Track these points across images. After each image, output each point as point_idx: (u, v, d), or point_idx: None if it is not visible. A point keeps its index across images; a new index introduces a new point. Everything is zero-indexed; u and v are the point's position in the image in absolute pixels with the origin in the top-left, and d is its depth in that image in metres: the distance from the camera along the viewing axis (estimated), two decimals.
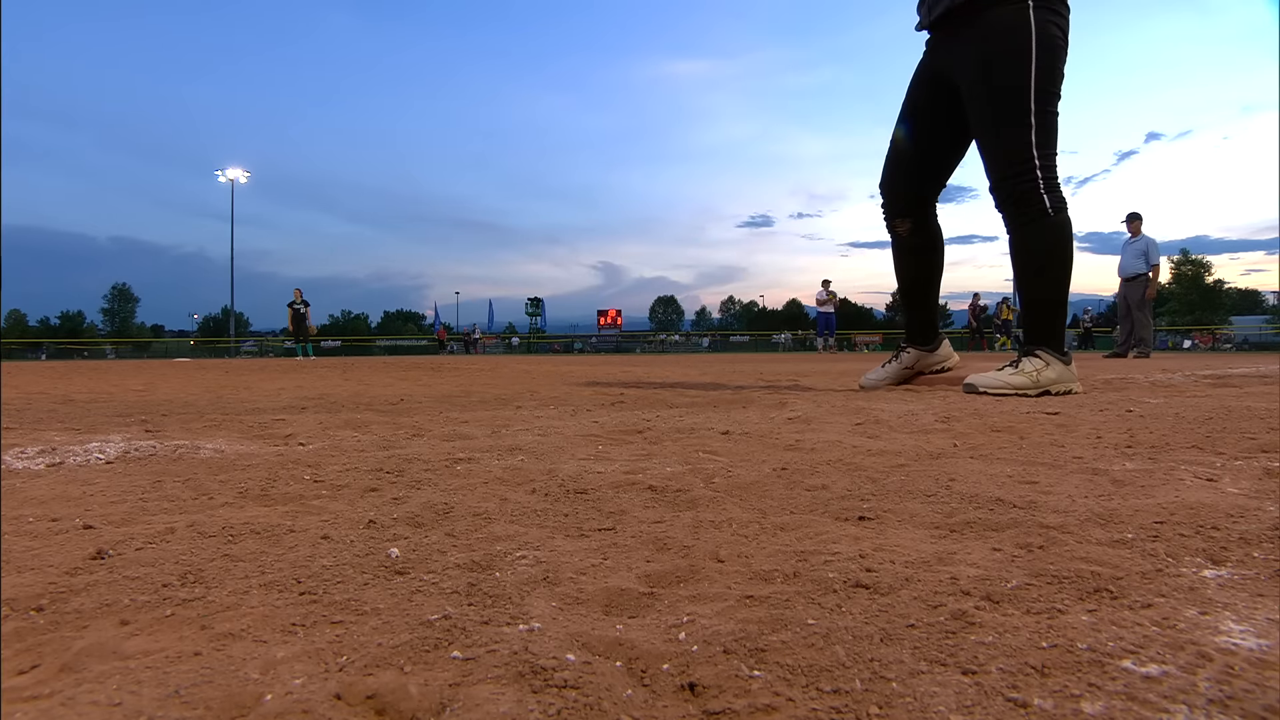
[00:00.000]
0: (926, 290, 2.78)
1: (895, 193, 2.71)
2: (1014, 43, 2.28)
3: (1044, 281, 2.39)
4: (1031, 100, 2.27)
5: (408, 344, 47.34)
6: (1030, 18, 2.28)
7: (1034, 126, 2.28)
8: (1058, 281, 2.38)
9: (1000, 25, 2.31)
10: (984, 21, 2.36)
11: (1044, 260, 2.37)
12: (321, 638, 0.48)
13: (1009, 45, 2.29)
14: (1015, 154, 2.32)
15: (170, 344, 53.05)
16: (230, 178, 37.46)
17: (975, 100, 2.40)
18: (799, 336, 38.89)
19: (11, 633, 0.50)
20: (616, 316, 49.05)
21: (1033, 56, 2.26)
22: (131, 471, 1.12)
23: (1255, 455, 1.12)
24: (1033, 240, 2.37)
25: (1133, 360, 7.41)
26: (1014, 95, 2.29)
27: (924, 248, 2.73)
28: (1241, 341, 30.83)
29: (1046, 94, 2.29)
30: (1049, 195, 2.32)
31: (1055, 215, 2.32)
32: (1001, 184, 2.39)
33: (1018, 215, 2.37)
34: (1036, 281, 2.40)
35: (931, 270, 2.77)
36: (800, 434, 1.44)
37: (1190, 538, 0.68)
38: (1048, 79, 2.28)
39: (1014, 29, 2.28)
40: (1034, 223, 2.34)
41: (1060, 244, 2.36)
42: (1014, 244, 2.43)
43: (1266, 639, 0.45)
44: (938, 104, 2.56)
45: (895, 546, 0.67)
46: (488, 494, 0.92)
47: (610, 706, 0.39)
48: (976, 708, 0.38)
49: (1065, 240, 2.37)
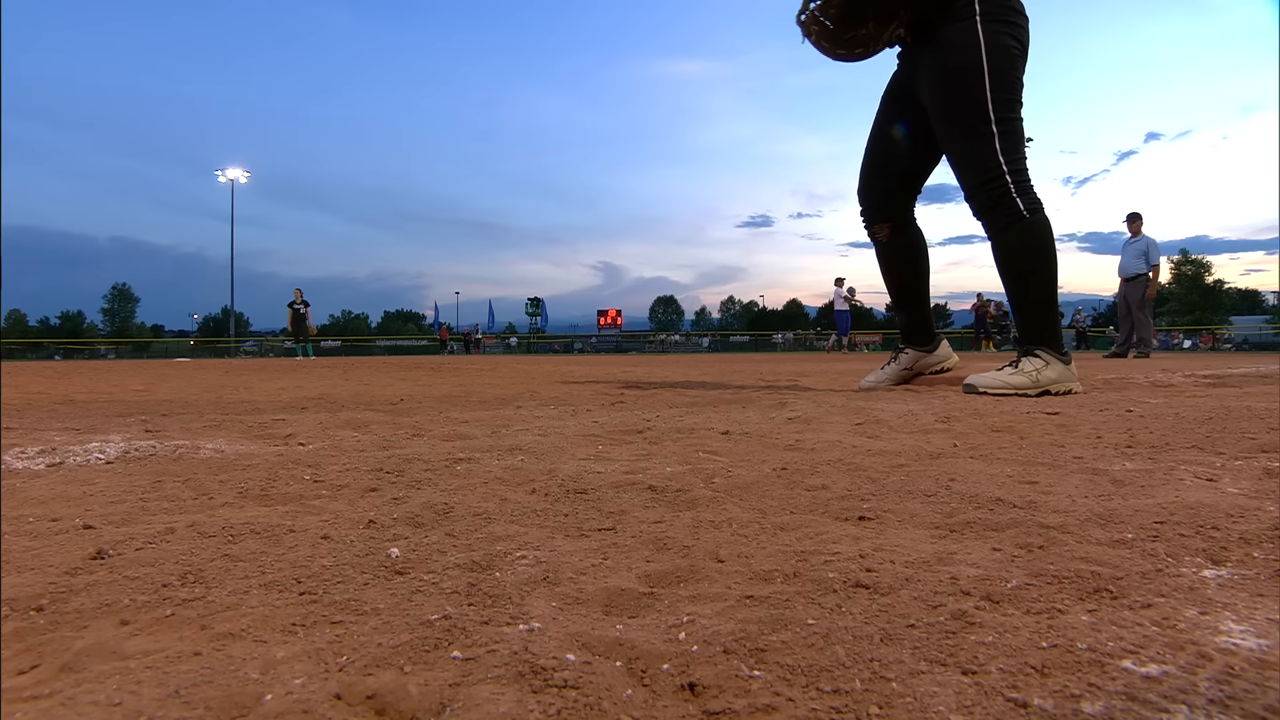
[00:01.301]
0: (916, 292, 2.83)
1: (872, 199, 2.78)
2: (967, 58, 2.35)
3: (1032, 282, 2.42)
4: (990, 110, 2.33)
5: (408, 344, 47.32)
6: (979, 32, 2.34)
7: (997, 135, 2.33)
8: (1045, 280, 2.42)
9: (952, 42, 2.38)
10: (938, 39, 2.43)
11: (1028, 262, 2.41)
12: (321, 638, 0.48)
13: (963, 61, 2.36)
14: (983, 164, 2.37)
15: (170, 344, 53.03)
16: (230, 178, 37.47)
17: (938, 116, 2.48)
18: (799, 336, 38.89)
19: (11, 633, 0.50)
20: (616, 316, 49.07)
21: (985, 70, 2.33)
22: (131, 471, 1.12)
23: (1255, 455, 1.12)
24: (1014, 244, 2.41)
25: (1133, 360, 7.41)
26: (974, 108, 2.34)
27: (906, 250, 2.78)
28: (1241, 341, 30.83)
29: (1005, 103, 2.35)
30: (1021, 198, 2.35)
31: (1032, 217, 2.36)
32: (975, 194, 2.43)
33: (995, 222, 2.41)
34: (1025, 283, 2.43)
35: (917, 272, 2.82)
36: (800, 434, 1.44)
37: (1190, 538, 0.68)
38: (1004, 88, 2.34)
39: (965, 45, 2.34)
40: (1012, 227, 2.38)
41: (1041, 243, 2.39)
42: (996, 251, 2.48)
43: (1266, 639, 0.45)
44: (907, 115, 2.64)
45: (895, 546, 0.67)
46: (488, 494, 0.92)
47: (610, 706, 0.39)
48: (976, 708, 0.38)
49: (1046, 239, 2.40)
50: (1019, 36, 2.38)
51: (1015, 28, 2.37)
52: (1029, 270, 2.41)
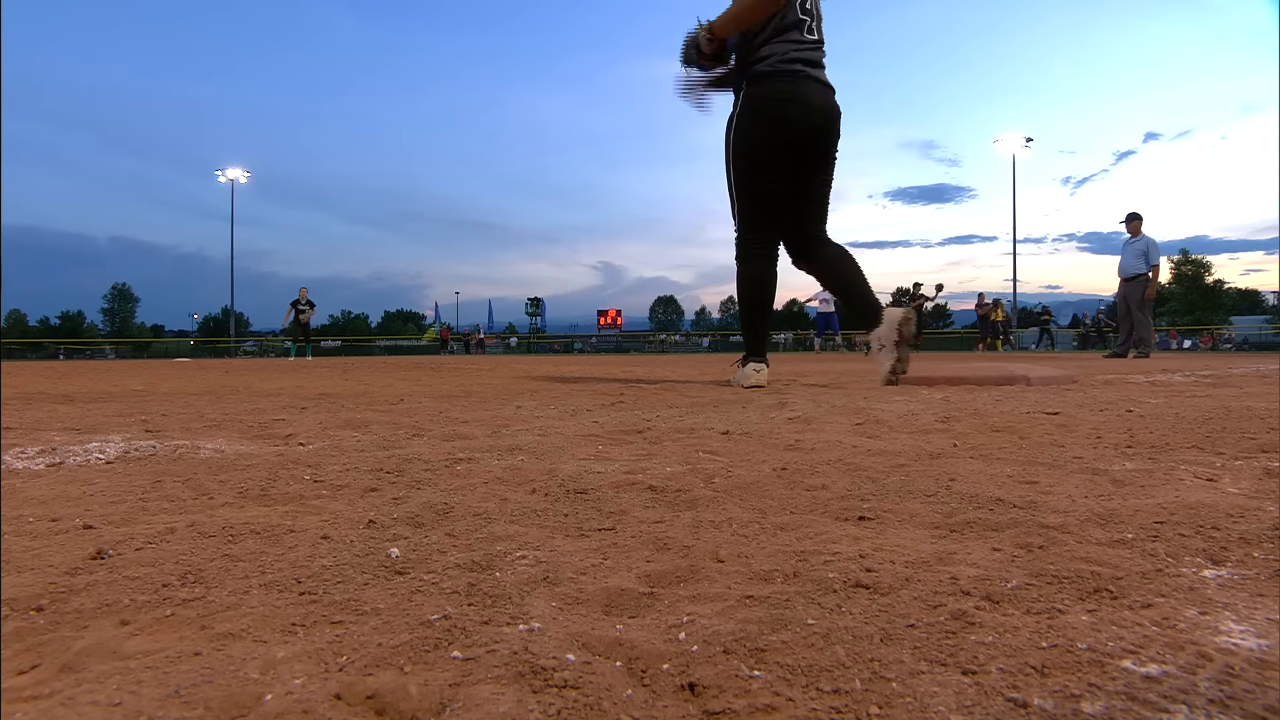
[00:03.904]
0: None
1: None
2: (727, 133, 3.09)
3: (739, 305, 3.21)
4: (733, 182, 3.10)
5: (408, 344, 47.29)
6: (733, 112, 3.05)
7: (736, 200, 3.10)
8: (742, 310, 3.19)
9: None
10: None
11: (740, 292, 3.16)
12: (321, 638, 0.48)
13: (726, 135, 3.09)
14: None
15: (170, 344, 53.01)
16: (230, 178, 37.46)
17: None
18: (799, 336, 38.89)
19: (11, 633, 0.50)
20: (616, 316, 49.04)
21: (730, 144, 3.06)
22: (131, 471, 1.12)
23: (1255, 455, 1.12)
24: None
25: (1133, 360, 7.41)
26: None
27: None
28: (1241, 341, 30.83)
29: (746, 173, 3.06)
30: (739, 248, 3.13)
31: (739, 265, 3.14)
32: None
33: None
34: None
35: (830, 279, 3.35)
36: (800, 434, 1.44)
37: (1190, 538, 0.68)
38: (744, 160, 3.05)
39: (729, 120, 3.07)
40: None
41: (739, 284, 3.13)
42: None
43: (1266, 639, 0.45)
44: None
45: (895, 546, 0.67)
46: (488, 494, 0.92)
47: (610, 706, 0.39)
48: (976, 708, 0.38)
49: (741, 282, 3.12)
50: (772, 98, 2.93)
51: (768, 88, 2.93)
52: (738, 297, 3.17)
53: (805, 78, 2.93)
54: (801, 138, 2.96)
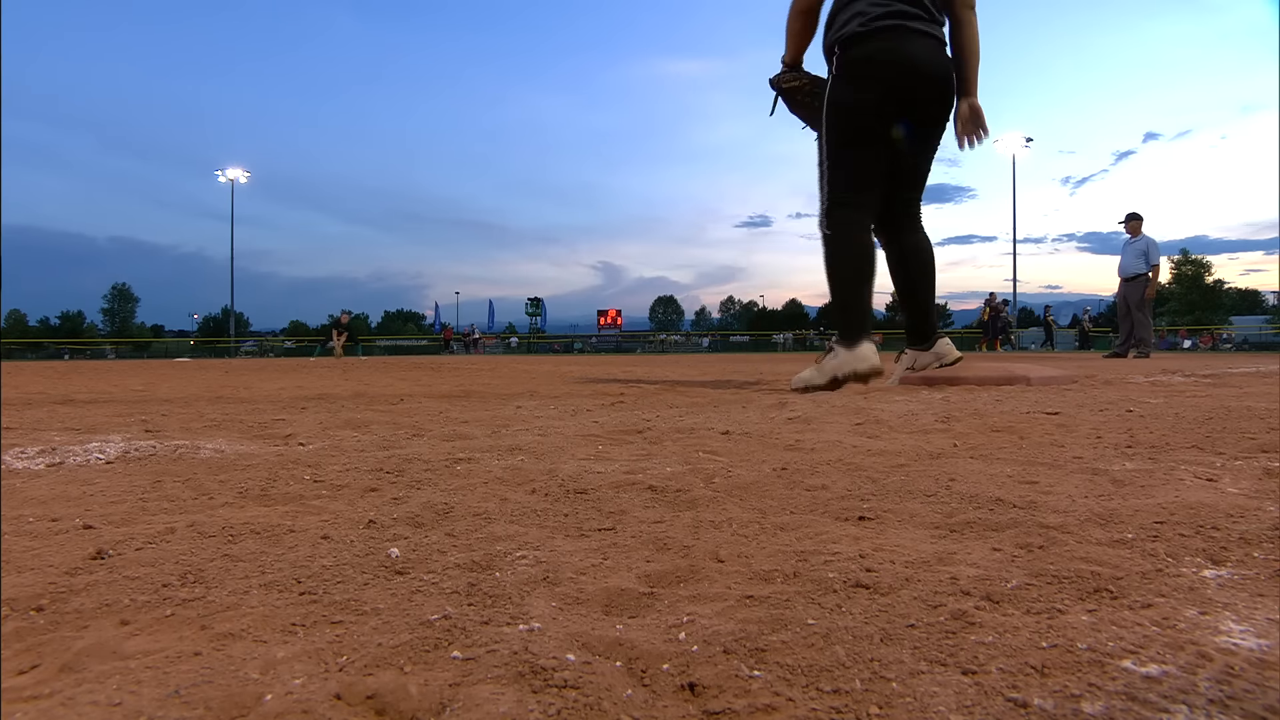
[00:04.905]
0: (908, 293, 3.00)
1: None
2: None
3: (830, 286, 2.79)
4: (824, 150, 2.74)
5: (408, 344, 47.26)
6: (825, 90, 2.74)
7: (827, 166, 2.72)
8: (834, 286, 2.76)
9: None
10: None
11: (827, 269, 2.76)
12: (321, 638, 0.48)
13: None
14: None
15: (170, 344, 52.96)
16: (230, 178, 37.46)
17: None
18: (799, 336, 38.89)
19: (11, 633, 0.50)
20: (616, 316, 49.01)
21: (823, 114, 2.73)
22: (131, 471, 1.12)
23: (1255, 455, 1.12)
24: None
25: (1133, 360, 7.41)
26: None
27: (894, 254, 2.98)
28: (1241, 341, 30.82)
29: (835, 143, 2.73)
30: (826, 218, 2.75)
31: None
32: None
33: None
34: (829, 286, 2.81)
35: (907, 275, 2.97)
36: (800, 434, 1.44)
37: (1190, 538, 0.68)
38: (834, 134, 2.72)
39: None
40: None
41: (828, 257, 2.72)
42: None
43: (1266, 639, 0.45)
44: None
45: (895, 546, 0.67)
46: (488, 494, 0.92)
47: (610, 706, 0.39)
48: (976, 708, 0.38)
49: (831, 254, 2.72)
50: (862, 85, 2.64)
51: (856, 80, 2.65)
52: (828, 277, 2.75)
53: (905, 32, 2.55)
54: (896, 103, 2.60)
